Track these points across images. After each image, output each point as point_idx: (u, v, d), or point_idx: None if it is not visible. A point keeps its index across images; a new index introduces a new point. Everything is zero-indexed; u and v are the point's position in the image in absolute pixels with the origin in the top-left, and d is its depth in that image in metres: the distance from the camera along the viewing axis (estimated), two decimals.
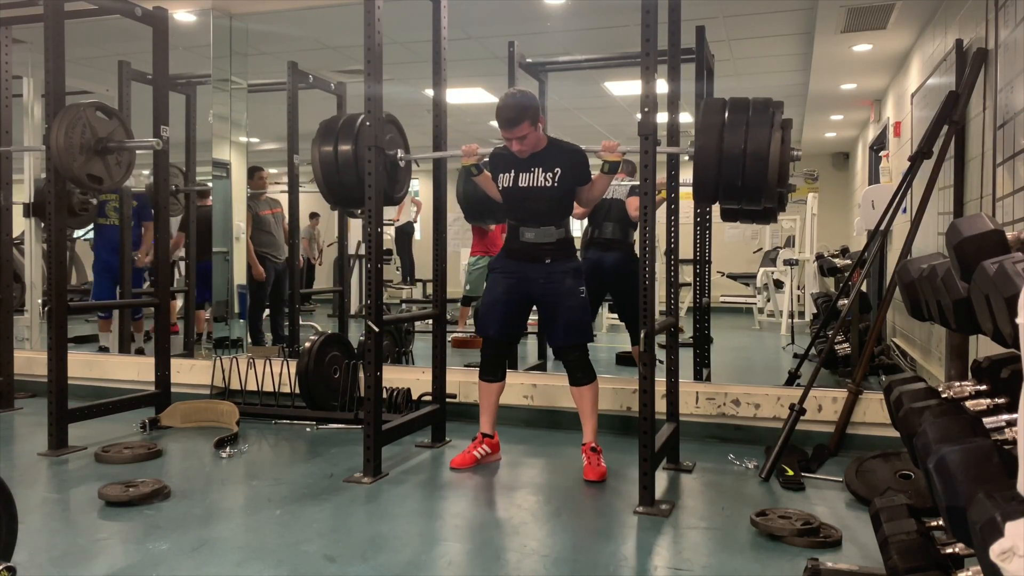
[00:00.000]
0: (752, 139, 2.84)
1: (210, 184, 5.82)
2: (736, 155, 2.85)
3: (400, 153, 3.49)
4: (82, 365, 4.67)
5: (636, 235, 4.81)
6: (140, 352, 5.93)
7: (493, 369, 3.41)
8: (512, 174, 3.28)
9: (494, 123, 3.23)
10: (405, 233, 9.55)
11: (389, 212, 8.99)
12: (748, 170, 2.85)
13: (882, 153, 6.82)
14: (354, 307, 7.53)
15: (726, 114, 2.90)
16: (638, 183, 2.90)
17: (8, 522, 1.91)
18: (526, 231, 3.30)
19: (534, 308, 3.53)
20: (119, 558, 2.38)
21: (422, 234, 12.95)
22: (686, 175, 3.04)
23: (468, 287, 7.55)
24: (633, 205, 4.72)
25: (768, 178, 2.85)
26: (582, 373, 3.29)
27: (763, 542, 2.50)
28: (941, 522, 1.51)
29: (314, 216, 9.70)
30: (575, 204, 3.38)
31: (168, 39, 4.18)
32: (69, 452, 3.57)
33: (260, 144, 9.05)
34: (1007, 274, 1.29)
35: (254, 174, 6.12)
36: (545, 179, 3.23)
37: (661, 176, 3.31)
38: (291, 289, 5.89)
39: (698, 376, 4.35)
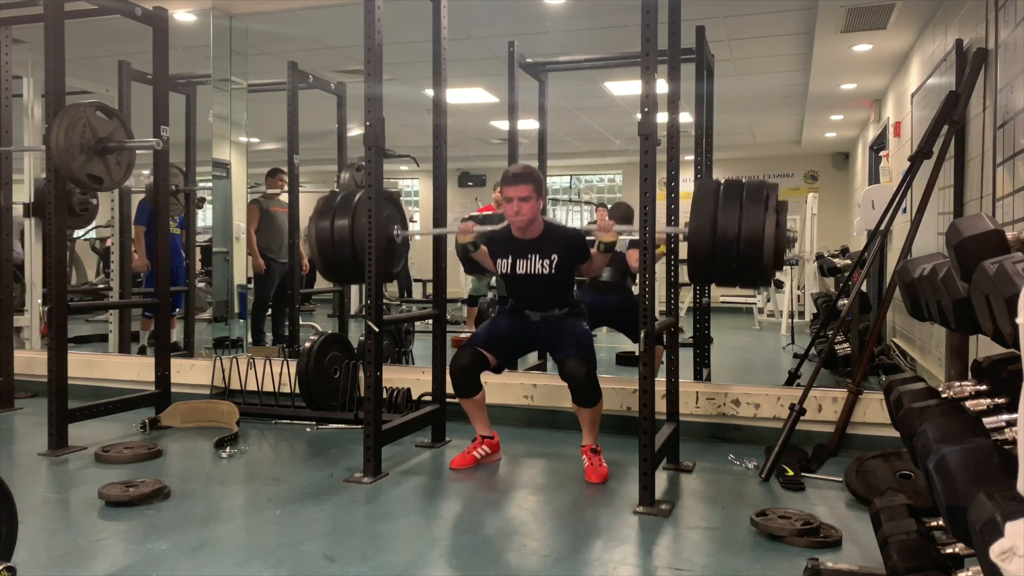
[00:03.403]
0: (746, 224, 2.86)
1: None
2: (730, 241, 2.87)
3: (396, 230, 3.49)
4: (82, 365, 4.66)
5: (633, 281, 4.85)
6: (142, 352, 5.94)
7: (467, 388, 3.34)
8: (510, 260, 3.31)
9: (494, 123, 3.24)
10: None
11: None
12: (743, 255, 2.88)
13: (882, 153, 6.83)
14: (354, 307, 7.53)
15: (720, 197, 2.92)
16: (637, 236, 2.91)
17: (8, 522, 1.91)
18: (530, 313, 3.35)
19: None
20: (119, 558, 2.38)
21: (422, 235, 12.98)
22: (687, 174, 3.04)
23: (472, 286, 7.56)
24: (633, 257, 4.74)
25: (764, 262, 2.87)
26: (588, 392, 3.17)
27: (763, 542, 2.50)
28: (941, 522, 1.51)
29: None
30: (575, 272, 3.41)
31: (168, 39, 4.18)
32: (69, 452, 3.57)
33: (260, 144, 9.05)
34: (1007, 274, 1.29)
35: (275, 174, 6.15)
36: (542, 266, 3.26)
37: (661, 247, 3.36)
38: (291, 289, 5.90)
39: (698, 376, 4.35)
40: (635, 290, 4.27)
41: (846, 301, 4.52)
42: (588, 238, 3.36)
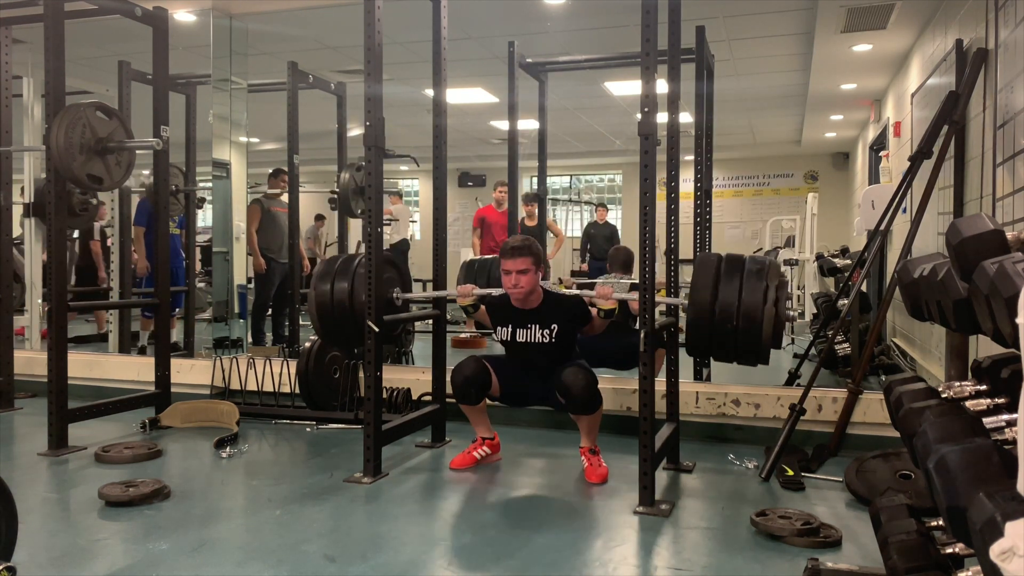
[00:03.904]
0: (746, 298, 2.86)
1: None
2: (729, 319, 2.87)
3: (397, 292, 3.48)
4: (82, 365, 4.67)
5: (634, 323, 4.83)
6: (142, 352, 5.94)
7: (469, 395, 3.32)
8: (510, 329, 3.32)
9: (494, 123, 3.25)
10: (400, 251, 9.61)
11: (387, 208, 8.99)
12: (741, 334, 2.88)
13: (882, 153, 6.83)
14: None
15: (720, 274, 2.92)
16: (637, 281, 2.92)
17: (8, 522, 1.91)
18: (534, 375, 3.34)
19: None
20: (119, 558, 2.38)
21: (422, 235, 12.97)
22: (687, 174, 3.04)
23: None
24: (635, 307, 4.75)
25: (762, 341, 2.88)
26: (588, 400, 3.15)
27: (763, 542, 2.50)
28: (941, 522, 1.51)
29: (320, 218, 9.77)
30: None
31: (168, 39, 4.18)
32: (69, 452, 3.57)
33: (260, 144, 9.05)
34: (1007, 274, 1.29)
35: (278, 175, 6.15)
36: (543, 336, 3.28)
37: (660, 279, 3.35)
38: (291, 289, 5.90)
39: (698, 376, 4.35)
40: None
41: (846, 301, 4.52)
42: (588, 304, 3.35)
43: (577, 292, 3.44)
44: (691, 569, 2.31)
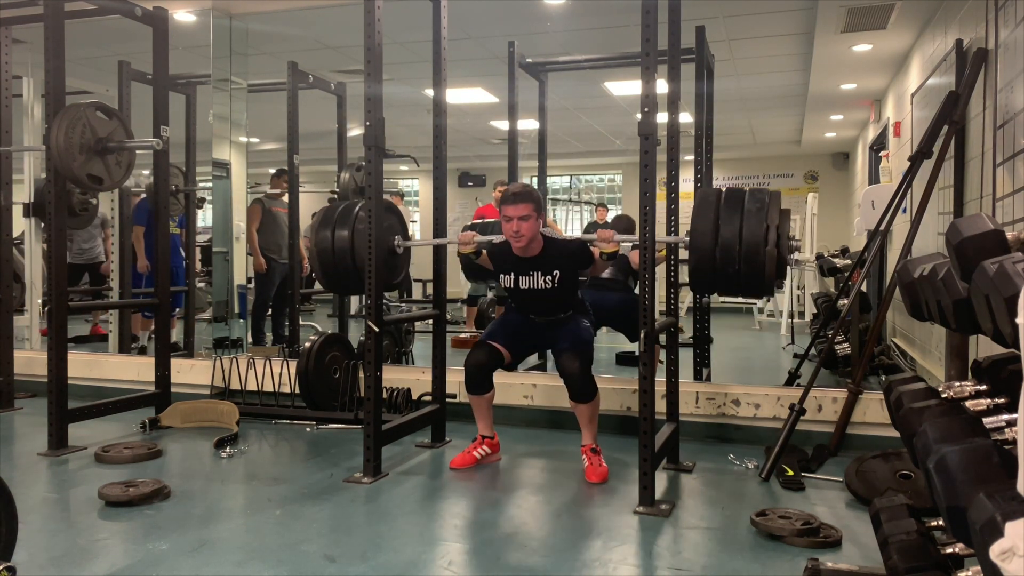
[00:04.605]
0: (747, 234, 2.84)
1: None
2: (732, 250, 2.85)
3: (398, 240, 3.49)
4: (82, 365, 4.67)
5: (634, 281, 4.85)
6: (142, 352, 5.94)
7: (479, 383, 3.36)
8: (512, 276, 3.33)
9: (494, 123, 3.25)
10: None
11: None
12: (744, 265, 2.86)
13: (882, 153, 6.83)
14: (354, 307, 7.53)
15: (721, 206, 2.91)
16: (637, 239, 2.91)
17: (8, 522, 1.91)
18: (535, 318, 3.39)
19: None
20: (119, 558, 2.38)
21: (422, 234, 12.97)
22: (687, 174, 3.04)
23: (471, 286, 7.56)
24: (636, 257, 4.75)
25: (766, 272, 2.86)
26: (582, 387, 3.20)
27: (763, 542, 2.50)
28: (941, 522, 1.51)
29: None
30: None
31: (168, 39, 4.18)
32: (69, 452, 3.57)
33: (260, 144, 9.04)
34: (1007, 274, 1.29)
35: (281, 175, 6.16)
36: (545, 282, 3.28)
37: (661, 252, 3.35)
38: (291, 289, 5.90)
39: (698, 376, 4.35)
40: (636, 289, 4.28)
41: (846, 301, 4.52)
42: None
43: (578, 237, 3.45)
44: (691, 569, 2.31)
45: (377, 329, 3.18)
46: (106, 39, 5.81)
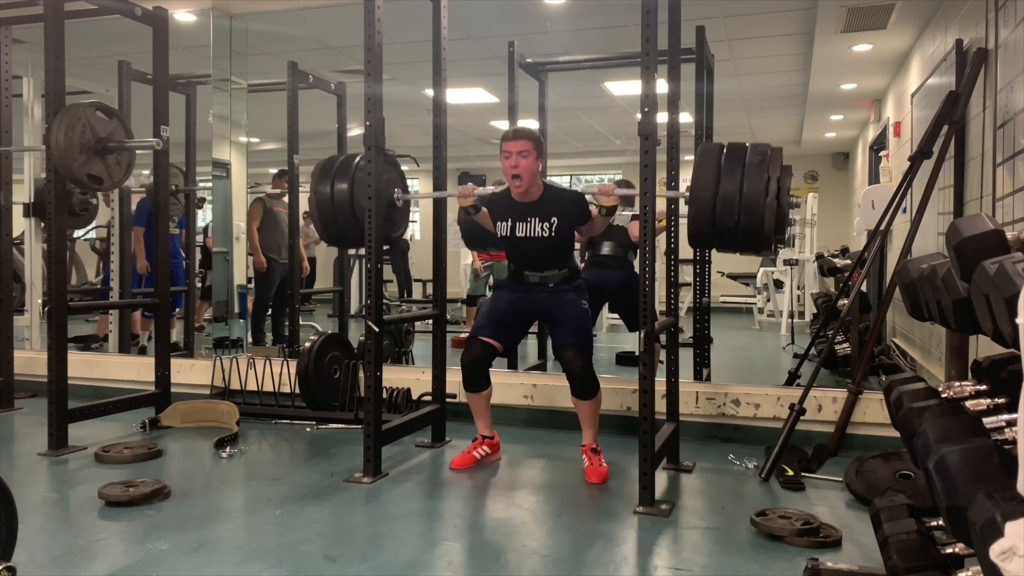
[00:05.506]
0: (748, 189, 2.81)
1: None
2: (732, 206, 2.82)
3: (398, 193, 3.48)
4: (82, 365, 4.66)
5: (636, 256, 4.85)
6: (142, 351, 5.94)
7: (475, 380, 3.35)
8: (509, 223, 3.30)
9: (494, 123, 3.25)
10: (400, 250, 9.60)
11: None
12: (744, 220, 2.83)
13: (882, 153, 6.82)
14: (354, 307, 7.53)
15: (721, 164, 2.88)
16: (638, 212, 2.90)
17: (8, 522, 1.91)
18: (530, 274, 3.34)
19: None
20: (119, 558, 2.38)
21: (422, 234, 12.97)
22: (686, 174, 3.04)
23: (471, 286, 7.57)
24: (635, 228, 4.73)
25: (765, 228, 2.84)
26: (585, 383, 3.21)
27: (763, 542, 2.50)
28: (941, 522, 1.51)
29: (308, 216, 9.77)
30: (576, 233, 3.40)
31: (168, 39, 4.18)
32: (69, 452, 3.57)
33: (260, 144, 9.04)
34: (1007, 274, 1.29)
35: (283, 175, 6.16)
36: (542, 229, 3.25)
37: (661, 207, 3.33)
38: (291, 289, 5.90)
39: (698, 376, 4.35)
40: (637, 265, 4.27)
41: (846, 301, 4.52)
42: (588, 199, 3.34)
43: (578, 189, 3.43)
44: (691, 569, 2.31)
45: (377, 329, 3.18)
46: (106, 39, 5.81)
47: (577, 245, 5.48)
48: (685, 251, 3.74)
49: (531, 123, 5.35)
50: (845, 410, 3.52)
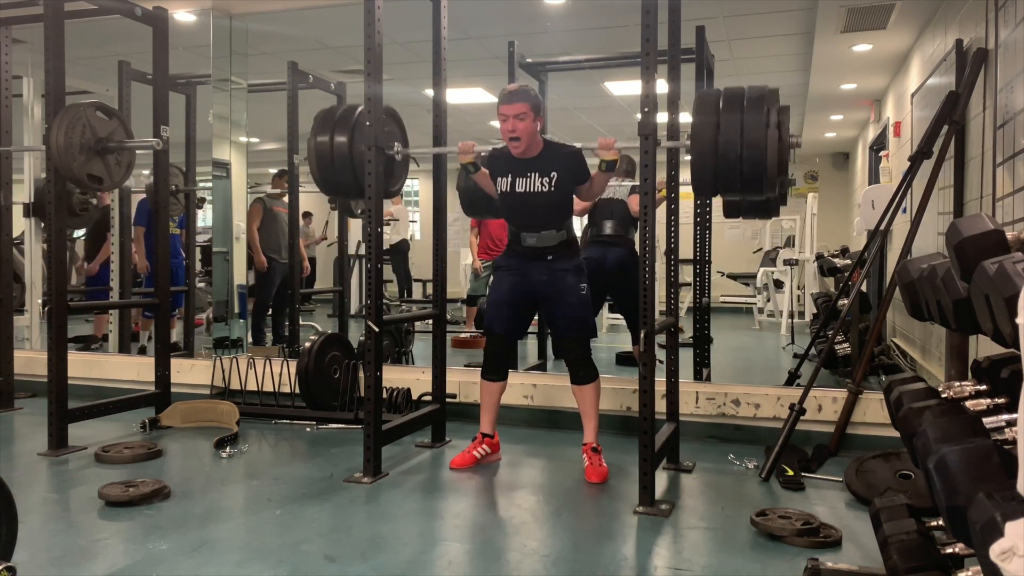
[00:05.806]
0: (748, 128, 2.79)
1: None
2: (733, 146, 2.80)
3: (397, 147, 3.48)
4: (82, 365, 4.66)
5: (637, 233, 4.83)
6: (142, 351, 5.94)
7: (496, 368, 3.39)
8: (509, 179, 3.27)
9: (494, 123, 3.23)
10: (400, 251, 9.61)
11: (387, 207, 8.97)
12: (746, 160, 2.81)
13: (882, 153, 6.82)
14: (354, 307, 7.53)
15: (720, 105, 2.87)
16: (638, 183, 2.88)
17: (8, 522, 1.91)
18: (527, 236, 3.30)
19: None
20: (119, 558, 2.38)
21: (422, 234, 12.97)
22: (685, 175, 3.04)
23: (471, 286, 7.57)
24: (635, 203, 4.73)
25: (767, 167, 2.82)
26: (584, 371, 3.27)
27: (763, 542, 2.50)
28: (941, 522, 1.51)
29: (307, 215, 9.77)
30: (575, 199, 3.37)
31: (168, 39, 4.18)
32: (69, 452, 3.57)
33: (260, 144, 9.04)
34: (1007, 274, 1.29)
35: (283, 175, 6.16)
36: (542, 184, 3.22)
37: (661, 175, 3.30)
38: (291, 289, 5.90)
39: (698, 376, 4.35)
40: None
41: (846, 301, 4.52)
42: (587, 151, 3.29)
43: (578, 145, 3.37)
44: (691, 569, 2.31)
45: (377, 329, 3.18)
46: (106, 39, 5.81)
47: (577, 221, 5.49)
48: (685, 251, 3.74)
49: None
50: (845, 410, 3.52)
